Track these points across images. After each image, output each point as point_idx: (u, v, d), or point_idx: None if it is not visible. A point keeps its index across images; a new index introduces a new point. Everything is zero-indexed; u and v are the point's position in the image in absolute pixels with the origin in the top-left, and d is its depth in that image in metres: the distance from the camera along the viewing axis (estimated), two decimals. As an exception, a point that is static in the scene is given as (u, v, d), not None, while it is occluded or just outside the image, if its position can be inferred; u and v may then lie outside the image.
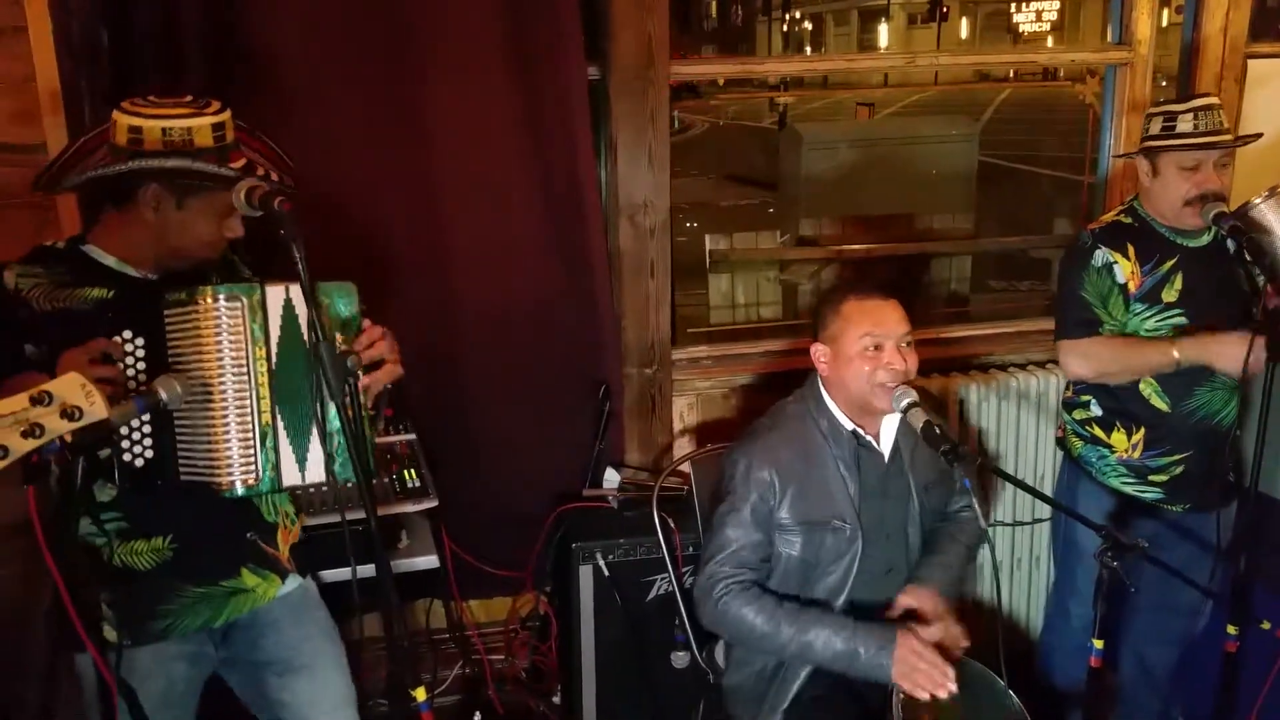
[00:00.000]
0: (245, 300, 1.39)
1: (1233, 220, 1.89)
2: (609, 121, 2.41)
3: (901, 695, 1.64)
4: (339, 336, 1.44)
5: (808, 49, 29.88)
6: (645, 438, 2.56)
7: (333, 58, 2.13)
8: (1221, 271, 2.05)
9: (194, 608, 1.55)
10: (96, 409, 1.12)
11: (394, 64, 2.18)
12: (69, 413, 1.10)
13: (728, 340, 2.74)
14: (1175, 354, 1.95)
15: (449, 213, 2.28)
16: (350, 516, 1.43)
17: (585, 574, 2.25)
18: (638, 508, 2.32)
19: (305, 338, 1.39)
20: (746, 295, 4.58)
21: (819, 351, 1.84)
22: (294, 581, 1.68)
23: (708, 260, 4.50)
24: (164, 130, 1.40)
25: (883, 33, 28.86)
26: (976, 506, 1.58)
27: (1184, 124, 1.97)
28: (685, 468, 2.21)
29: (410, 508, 2.07)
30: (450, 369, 2.34)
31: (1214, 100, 1.99)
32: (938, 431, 1.64)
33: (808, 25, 31.32)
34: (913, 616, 1.78)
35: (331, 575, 1.82)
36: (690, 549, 2.19)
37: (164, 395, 1.31)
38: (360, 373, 1.40)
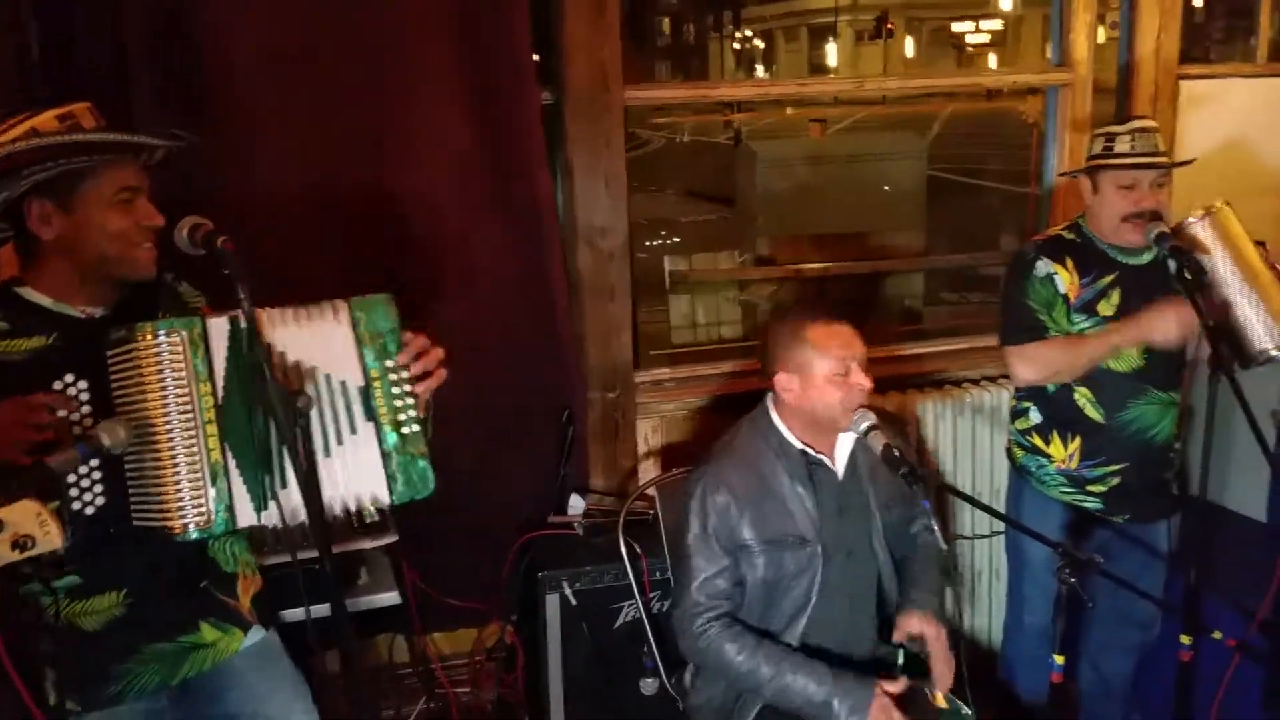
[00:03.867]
0: (185, 334, 1.35)
1: (1173, 240, 1.96)
2: (564, 145, 2.41)
3: None
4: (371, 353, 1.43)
5: (759, 66, 30.30)
6: (610, 462, 2.55)
7: (287, 83, 2.10)
8: (1160, 289, 2.10)
9: (150, 666, 1.48)
10: (50, 539, 1.10)
11: (347, 91, 2.16)
12: (20, 543, 1.09)
13: (690, 361, 2.75)
14: (1115, 339, 2.01)
15: (406, 239, 2.26)
16: (305, 556, 1.40)
17: (552, 602, 2.22)
18: (604, 534, 2.30)
19: (258, 370, 1.34)
20: (707, 315, 4.62)
21: (785, 381, 1.81)
22: (257, 633, 1.61)
23: (667, 281, 4.53)
24: (12, 142, 1.34)
25: (830, 52, 29.37)
26: (936, 528, 1.59)
27: (1122, 144, 2.05)
28: (651, 492, 2.21)
29: (369, 544, 2.03)
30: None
31: (1151, 123, 2.08)
32: (897, 454, 1.66)
33: (759, 43, 31.78)
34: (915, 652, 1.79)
35: (289, 615, 1.77)
36: (657, 574, 2.19)
37: (107, 441, 1.26)
38: (408, 386, 1.44)
